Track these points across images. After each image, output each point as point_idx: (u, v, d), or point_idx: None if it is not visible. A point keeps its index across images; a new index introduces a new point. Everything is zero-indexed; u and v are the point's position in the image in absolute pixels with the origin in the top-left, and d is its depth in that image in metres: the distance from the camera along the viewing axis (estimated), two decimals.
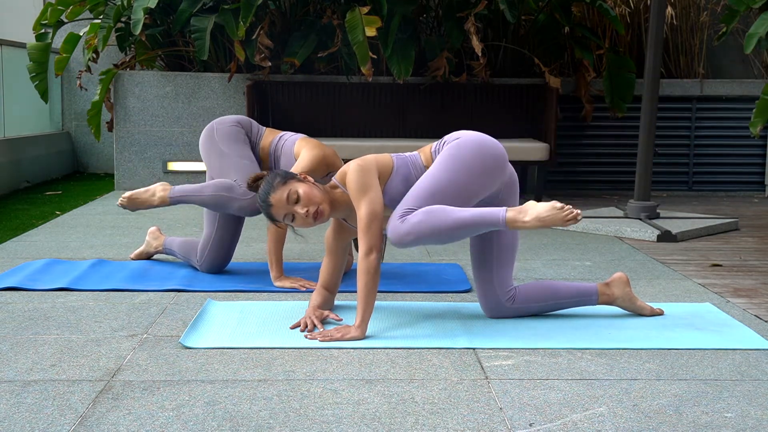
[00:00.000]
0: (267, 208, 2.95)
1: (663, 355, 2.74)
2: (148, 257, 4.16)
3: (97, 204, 6.10)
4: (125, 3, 6.40)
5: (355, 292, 2.91)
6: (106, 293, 3.48)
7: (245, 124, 3.80)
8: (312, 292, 3.39)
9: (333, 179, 3.04)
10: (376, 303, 3.25)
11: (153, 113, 6.82)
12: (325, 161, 3.57)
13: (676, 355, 2.74)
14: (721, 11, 7.28)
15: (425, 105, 6.79)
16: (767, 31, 5.19)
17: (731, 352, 2.78)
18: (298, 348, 2.77)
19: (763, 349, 2.80)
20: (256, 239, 4.74)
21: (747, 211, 6.09)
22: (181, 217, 5.48)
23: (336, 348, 2.77)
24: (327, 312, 3.04)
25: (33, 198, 6.61)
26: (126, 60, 7.10)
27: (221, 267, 3.86)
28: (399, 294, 3.52)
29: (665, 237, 4.83)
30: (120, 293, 3.49)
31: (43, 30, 7.06)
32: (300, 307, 3.25)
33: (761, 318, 3.23)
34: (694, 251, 4.56)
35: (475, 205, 2.97)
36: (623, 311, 3.23)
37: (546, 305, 3.15)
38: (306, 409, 2.25)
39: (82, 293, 3.47)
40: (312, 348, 2.77)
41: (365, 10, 5.98)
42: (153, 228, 4.18)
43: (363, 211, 2.87)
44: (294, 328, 2.98)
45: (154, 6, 6.16)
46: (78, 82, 7.23)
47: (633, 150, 6.80)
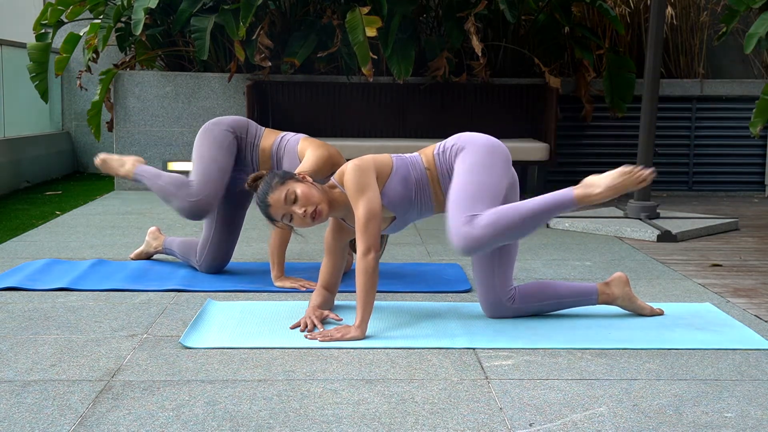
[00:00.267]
0: (265, 208, 2.95)
1: (663, 355, 2.74)
2: (147, 257, 4.16)
3: (97, 204, 6.10)
4: (125, 3, 6.40)
5: (355, 292, 2.91)
6: (106, 293, 3.48)
7: (240, 128, 3.73)
8: (312, 292, 3.39)
9: (331, 179, 3.04)
10: (376, 303, 3.25)
11: (153, 113, 6.82)
12: (331, 160, 3.56)
13: (676, 355, 2.74)
14: (721, 11, 7.28)
15: (425, 105, 6.79)
16: (767, 31, 5.18)
17: (731, 352, 2.78)
18: (298, 348, 2.77)
19: (763, 349, 2.80)
20: (256, 239, 4.74)
21: (747, 211, 6.09)
22: (181, 217, 5.47)
23: (336, 348, 2.77)
24: (327, 312, 3.04)
25: (33, 198, 6.61)
26: (126, 60, 7.10)
27: (220, 267, 3.86)
28: (399, 294, 3.52)
29: (665, 237, 4.82)
30: (120, 293, 3.49)
31: (43, 30, 7.06)
32: (300, 307, 3.24)
33: (761, 318, 3.22)
34: (694, 251, 4.56)
35: None
36: (623, 311, 3.23)
37: (546, 305, 3.15)
38: (306, 409, 2.25)
39: (82, 293, 3.47)
40: (312, 348, 2.77)
41: (365, 10, 5.98)
42: (153, 228, 4.18)
43: (360, 211, 2.86)
44: (294, 328, 2.98)
45: (154, 6, 6.16)
46: (78, 82, 7.24)
47: (633, 150, 6.77)
